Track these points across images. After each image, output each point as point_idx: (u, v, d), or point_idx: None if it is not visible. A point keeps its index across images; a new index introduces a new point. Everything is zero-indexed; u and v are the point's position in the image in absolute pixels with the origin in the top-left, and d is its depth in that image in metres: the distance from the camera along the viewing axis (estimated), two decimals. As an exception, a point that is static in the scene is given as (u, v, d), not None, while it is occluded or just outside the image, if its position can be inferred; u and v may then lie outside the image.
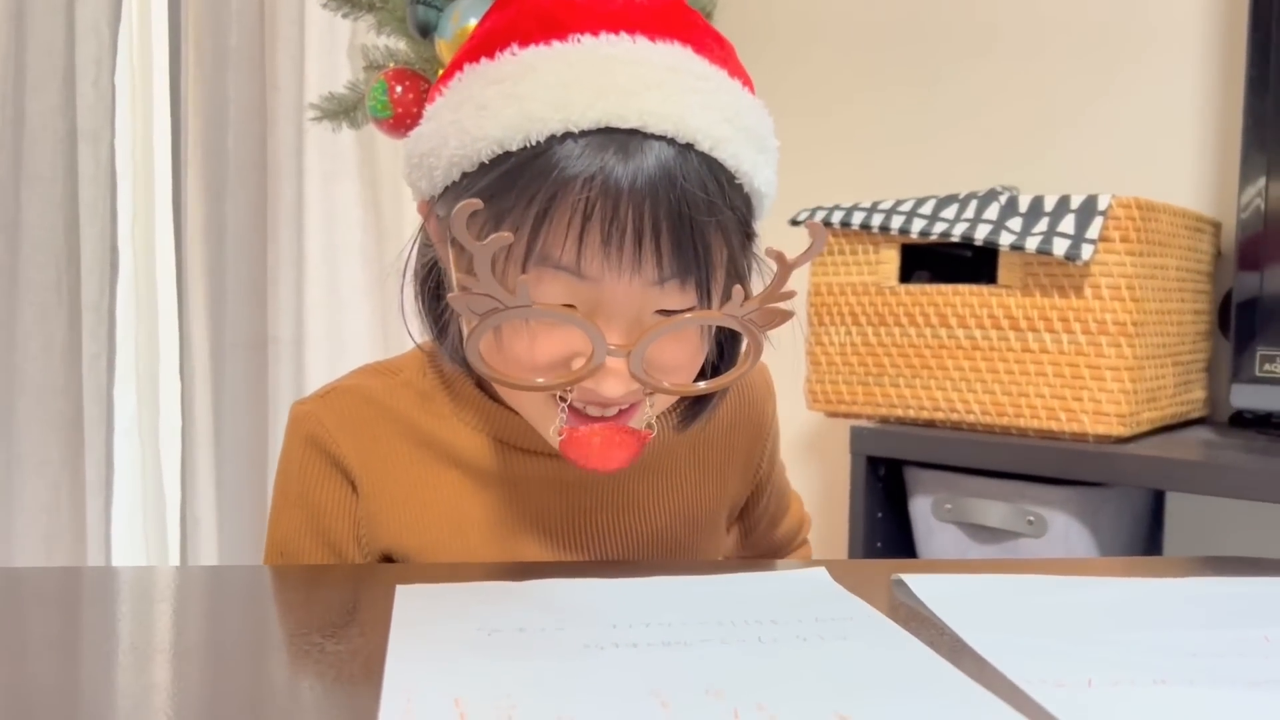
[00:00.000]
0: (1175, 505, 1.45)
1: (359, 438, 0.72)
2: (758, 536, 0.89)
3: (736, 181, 0.60)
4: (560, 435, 0.62)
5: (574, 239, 0.57)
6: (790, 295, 0.60)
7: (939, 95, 1.76)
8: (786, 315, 0.60)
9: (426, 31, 1.48)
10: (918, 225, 1.35)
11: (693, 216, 0.57)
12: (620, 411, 0.63)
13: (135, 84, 2.05)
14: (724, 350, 0.70)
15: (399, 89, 1.51)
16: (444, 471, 0.72)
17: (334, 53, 2.05)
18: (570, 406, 0.62)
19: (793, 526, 0.92)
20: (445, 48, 1.45)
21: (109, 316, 1.87)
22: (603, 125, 0.56)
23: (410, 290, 0.71)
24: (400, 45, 1.62)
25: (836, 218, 1.43)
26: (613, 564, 0.74)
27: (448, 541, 0.72)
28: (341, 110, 1.68)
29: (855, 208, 1.43)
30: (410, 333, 0.73)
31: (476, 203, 0.54)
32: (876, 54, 1.84)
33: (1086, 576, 0.65)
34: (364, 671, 0.47)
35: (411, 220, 2.15)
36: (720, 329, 0.67)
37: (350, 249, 2.10)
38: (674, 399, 0.67)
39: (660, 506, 0.76)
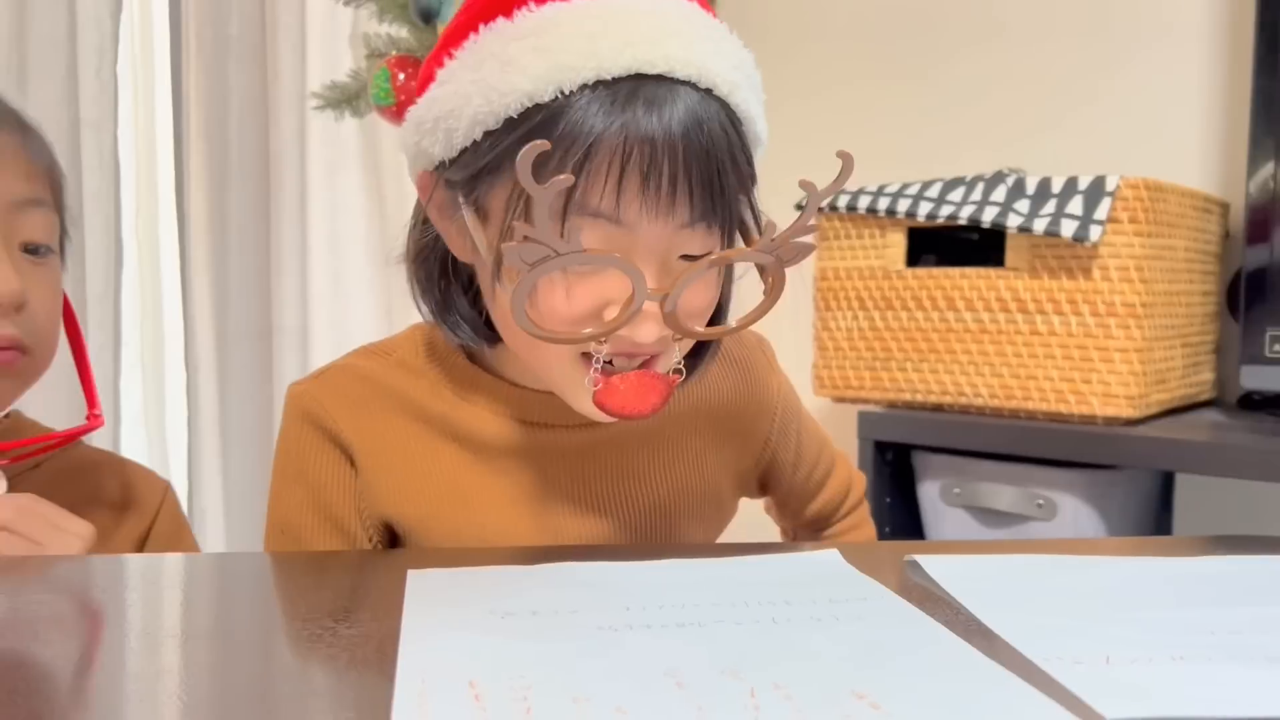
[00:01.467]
0: (1185, 487, 1.45)
1: (355, 413, 0.73)
2: (793, 509, 0.89)
3: (744, 126, 0.62)
4: (596, 385, 0.63)
5: (613, 185, 0.58)
6: (814, 229, 0.62)
7: (945, 77, 1.75)
8: (808, 248, 0.62)
9: (429, 18, 1.47)
10: (924, 208, 1.35)
11: (719, 158, 0.59)
12: (644, 362, 0.64)
13: (137, 74, 2.05)
14: (721, 304, 0.71)
15: (401, 76, 1.50)
16: (443, 445, 0.73)
17: (336, 41, 2.04)
18: (605, 382, 0.63)
19: (837, 493, 0.91)
20: (448, 34, 1.44)
21: (115, 308, 1.87)
22: (632, 72, 0.57)
23: (417, 272, 0.71)
24: (402, 32, 1.61)
25: (842, 201, 1.43)
26: (625, 547, 0.74)
27: (450, 511, 0.72)
28: (344, 99, 1.68)
29: (861, 191, 1.42)
30: (422, 313, 0.73)
31: (544, 144, 0.54)
32: (882, 36, 1.83)
33: (1099, 556, 0.65)
34: (377, 655, 0.47)
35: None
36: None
37: (354, 238, 2.09)
38: (690, 345, 0.68)
39: (661, 476, 0.76)
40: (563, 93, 0.57)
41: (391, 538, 0.76)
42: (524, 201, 0.59)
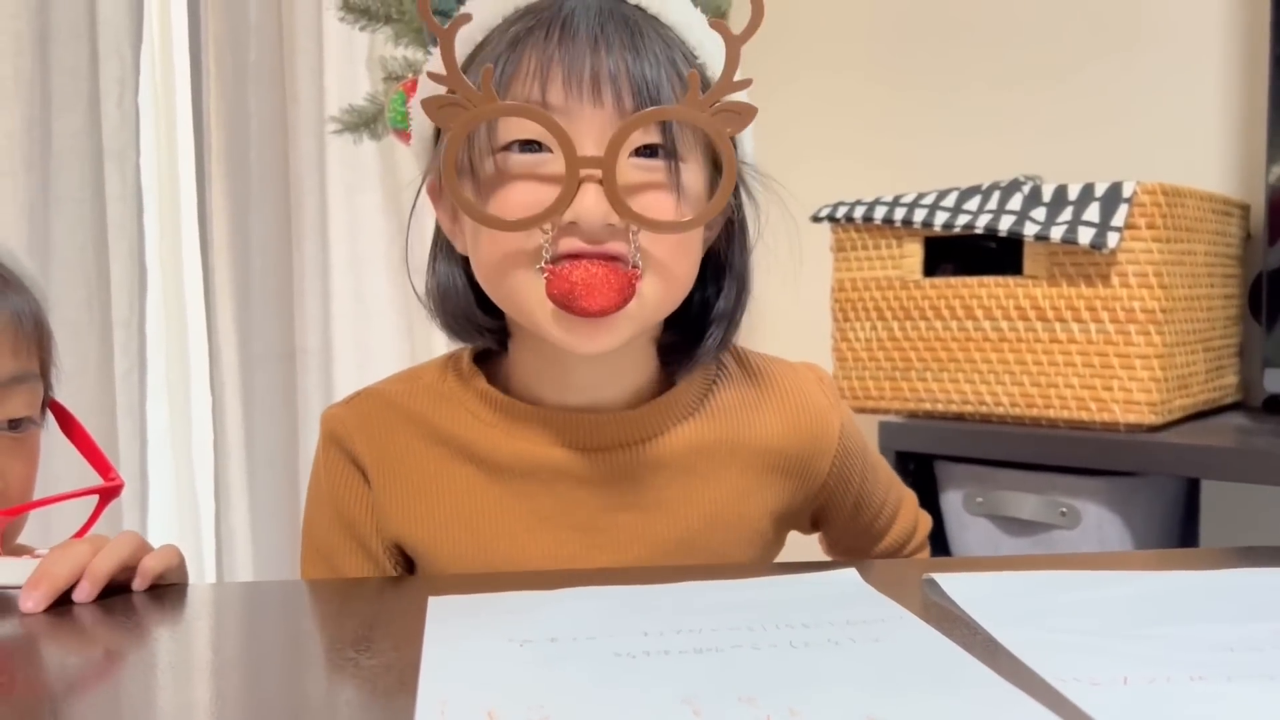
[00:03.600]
0: (1210, 493, 1.43)
1: (374, 436, 0.75)
2: (848, 549, 0.87)
3: (670, 29, 0.67)
4: (545, 275, 0.63)
5: (538, 72, 0.62)
6: (747, 83, 0.63)
7: (960, 86, 1.75)
8: (748, 109, 0.63)
9: (443, 41, 1.48)
10: (941, 218, 1.35)
11: (645, 32, 0.64)
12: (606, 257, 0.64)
13: (158, 103, 2.07)
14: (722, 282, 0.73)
15: (418, 99, 1.52)
16: (458, 467, 0.74)
17: (353, 65, 2.06)
18: (553, 271, 0.63)
19: (899, 539, 0.89)
20: (462, 57, 1.45)
21: (139, 333, 1.88)
22: None
23: (431, 294, 0.74)
24: (418, 56, 1.63)
25: (859, 212, 1.43)
26: (640, 570, 0.74)
27: (457, 534, 0.73)
28: (362, 122, 1.69)
29: (877, 202, 1.42)
30: (441, 327, 0.75)
31: (469, 14, 0.64)
32: (896, 46, 1.83)
33: (1120, 571, 0.65)
34: (399, 684, 0.47)
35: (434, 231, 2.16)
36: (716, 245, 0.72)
37: (374, 259, 2.11)
38: (667, 291, 0.67)
39: (692, 510, 0.74)
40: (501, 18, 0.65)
41: (409, 561, 0.77)
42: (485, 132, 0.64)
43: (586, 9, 0.63)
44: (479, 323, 0.73)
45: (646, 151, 0.64)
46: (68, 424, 0.80)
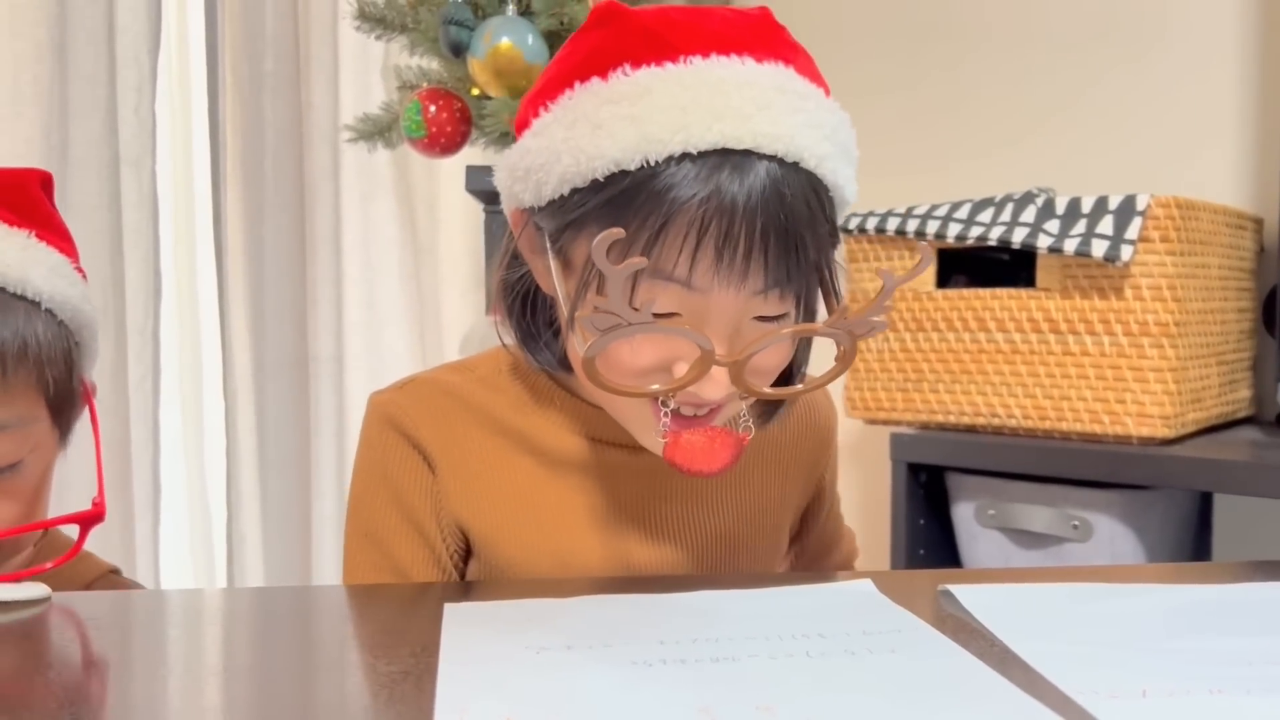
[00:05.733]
0: (1223, 507, 1.43)
1: (436, 422, 0.75)
2: (808, 561, 0.89)
3: (831, 194, 0.64)
4: (664, 439, 0.65)
5: (688, 254, 0.59)
6: (889, 310, 0.63)
7: (973, 97, 1.75)
8: (880, 325, 0.63)
9: (459, 51, 1.49)
10: (954, 229, 1.35)
11: (798, 230, 0.61)
12: (710, 411, 0.66)
13: (175, 111, 2.09)
14: (797, 351, 0.72)
15: (433, 109, 1.53)
16: (519, 459, 0.75)
17: (368, 74, 2.08)
18: (674, 438, 0.65)
19: (850, 540, 0.93)
20: (478, 67, 1.46)
21: (154, 340, 1.89)
22: (719, 147, 0.59)
23: (501, 302, 0.74)
24: (433, 65, 1.64)
25: (871, 224, 1.43)
26: (661, 579, 0.74)
27: (520, 525, 0.74)
28: (376, 131, 1.70)
29: (890, 213, 1.42)
30: (502, 339, 0.76)
31: (619, 232, 0.56)
32: (910, 57, 1.83)
33: (1136, 584, 0.65)
34: (415, 691, 0.48)
35: (447, 239, 2.17)
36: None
37: (388, 267, 2.12)
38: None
39: (728, 505, 0.78)
40: (649, 162, 0.59)
41: (466, 547, 0.77)
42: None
43: (749, 197, 0.59)
44: (549, 349, 0.73)
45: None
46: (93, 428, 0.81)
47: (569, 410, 0.75)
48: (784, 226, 0.60)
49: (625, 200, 0.60)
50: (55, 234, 0.78)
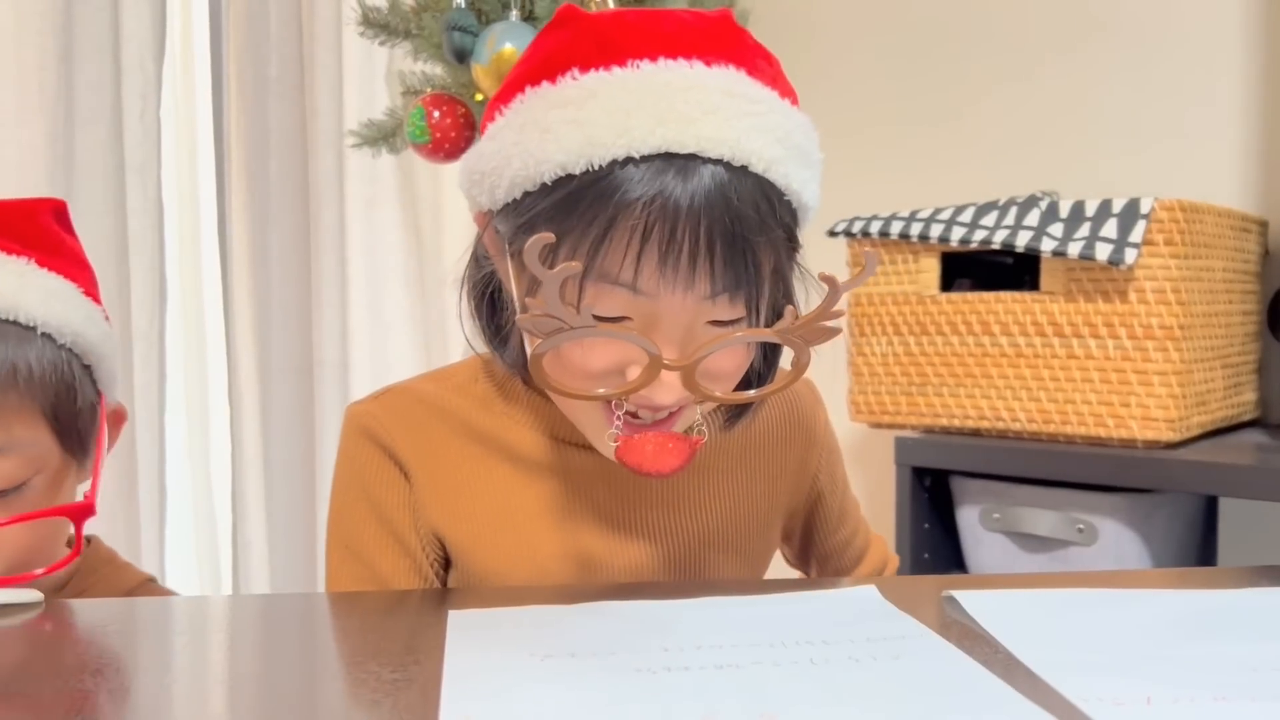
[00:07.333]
0: (1228, 510, 1.43)
1: (411, 432, 0.75)
2: (831, 573, 0.89)
3: (786, 198, 0.63)
4: (615, 443, 0.64)
5: (632, 258, 0.59)
6: (839, 315, 0.62)
7: (976, 101, 1.75)
8: (833, 332, 0.62)
9: (463, 57, 1.50)
10: (958, 233, 1.35)
11: (745, 235, 0.60)
12: (670, 414, 0.66)
13: (180, 117, 2.09)
14: (767, 355, 0.72)
15: (436, 114, 1.53)
16: (496, 466, 0.75)
17: (372, 80, 2.08)
18: (625, 441, 0.64)
19: (874, 568, 0.91)
20: (481, 72, 1.46)
21: (159, 345, 1.90)
22: (662, 151, 0.58)
23: (468, 302, 0.74)
24: (437, 70, 1.64)
25: (875, 227, 1.43)
26: (663, 585, 0.74)
27: (498, 532, 0.74)
28: (380, 136, 1.70)
29: (894, 217, 1.42)
30: (469, 342, 0.75)
31: (549, 236, 0.56)
32: (914, 61, 1.83)
33: (1141, 590, 0.65)
34: (420, 698, 0.48)
35: (451, 244, 2.17)
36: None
37: (392, 272, 2.12)
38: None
39: (710, 505, 0.78)
40: (593, 166, 0.59)
41: (446, 556, 0.77)
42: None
43: (693, 200, 0.59)
44: (515, 349, 0.73)
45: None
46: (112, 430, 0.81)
47: (543, 414, 0.75)
48: (730, 230, 0.59)
49: (571, 203, 0.60)
50: (62, 259, 0.78)
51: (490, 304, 0.73)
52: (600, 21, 0.63)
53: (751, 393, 0.67)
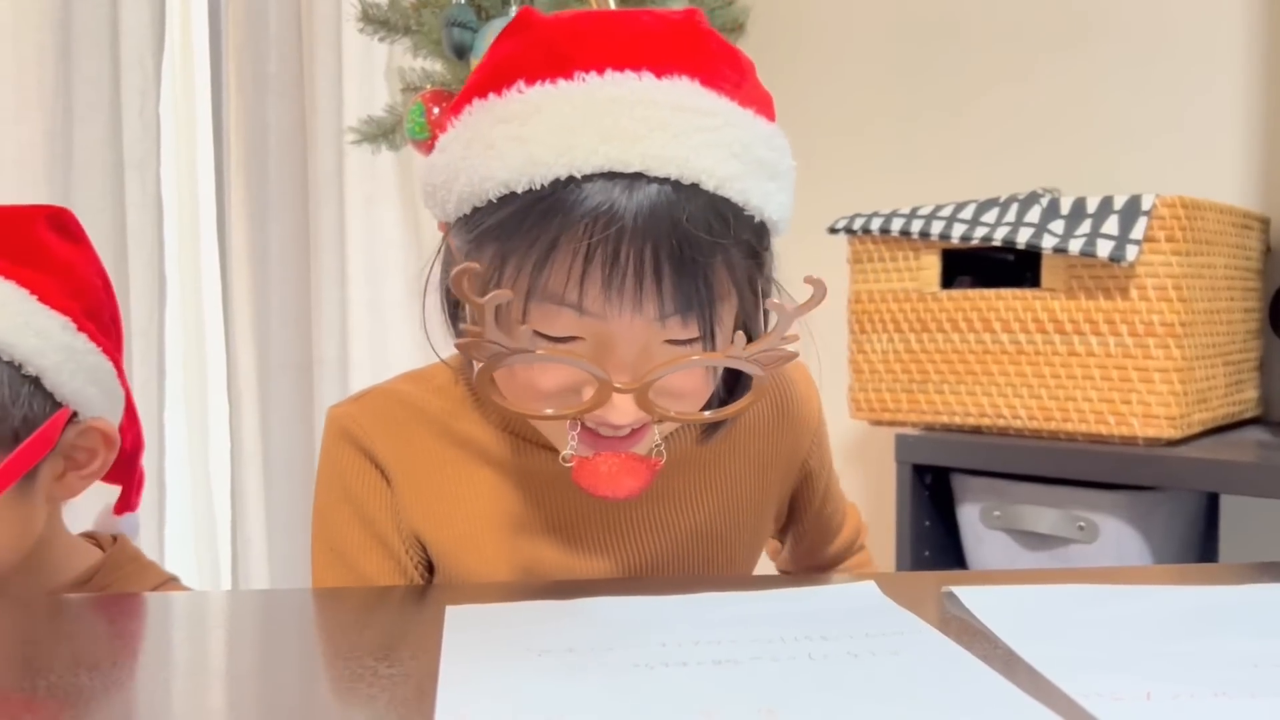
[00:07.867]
0: (1230, 507, 1.42)
1: (391, 435, 0.74)
2: (810, 545, 0.88)
3: (746, 214, 0.60)
4: (570, 464, 0.63)
5: (576, 279, 0.57)
6: (793, 339, 0.61)
7: (978, 98, 1.74)
8: (790, 356, 0.61)
9: (462, 53, 1.49)
10: (958, 230, 1.34)
11: (694, 256, 0.58)
12: (632, 431, 0.64)
13: (179, 113, 2.09)
14: (737, 373, 0.71)
15: (436, 110, 1.53)
16: (476, 470, 0.74)
17: (372, 76, 2.08)
18: (583, 426, 0.63)
19: (849, 537, 0.91)
20: (481, 68, 1.46)
21: (158, 342, 1.90)
22: (605, 170, 0.56)
23: (435, 304, 0.72)
24: (436, 67, 1.64)
25: (875, 224, 1.43)
26: (661, 580, 0.74)
27: (480, 535, 0.73)
28: (380, 133, 1.70)
29: (894, 214, 1.42)
30: (432, 345, 0.74)
31: (474, 266, 0.55)
32: (915, 57, 1.83)
33: (1141, 586, 0.64)
34: (416, 694, 0.48)
35: (451, 239, 2.17)
36: None
37: (391, 269, 2.12)
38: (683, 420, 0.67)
39: (701, 501, 0.77)
40: (536, 185, 0.57)
41: (428, 558, 0.77)
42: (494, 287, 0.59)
43: (636, 221, 0.57)
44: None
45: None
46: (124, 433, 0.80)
47: (524, 421, 0.73)
48: (678, 252, 0.57)
49: (516, 222, 0.58)
50: (28, 268, 0.76)
51: (456, 309, 0.72)
52: (552, 29, 0.61)
53: (708, 414, 0.65)
